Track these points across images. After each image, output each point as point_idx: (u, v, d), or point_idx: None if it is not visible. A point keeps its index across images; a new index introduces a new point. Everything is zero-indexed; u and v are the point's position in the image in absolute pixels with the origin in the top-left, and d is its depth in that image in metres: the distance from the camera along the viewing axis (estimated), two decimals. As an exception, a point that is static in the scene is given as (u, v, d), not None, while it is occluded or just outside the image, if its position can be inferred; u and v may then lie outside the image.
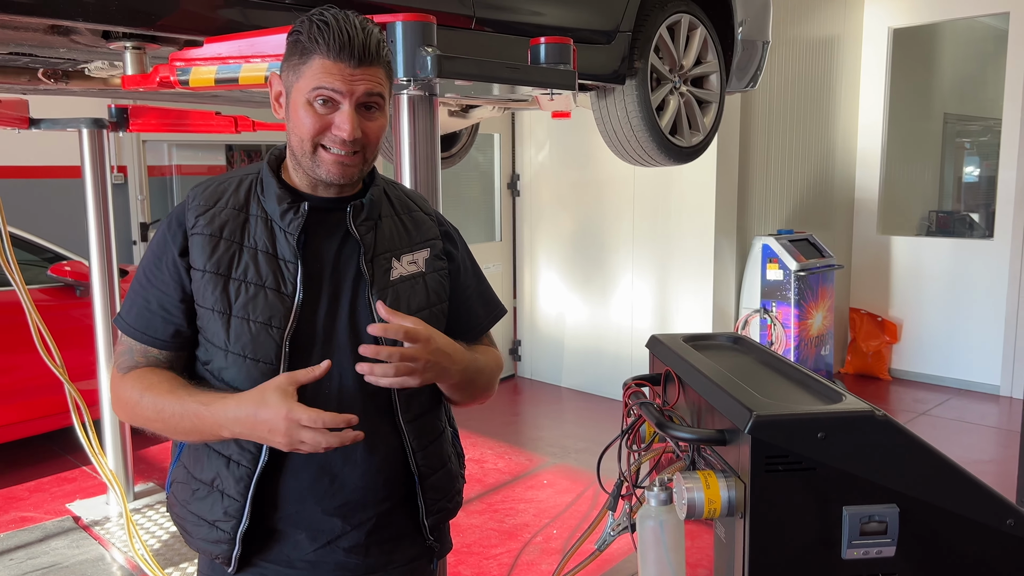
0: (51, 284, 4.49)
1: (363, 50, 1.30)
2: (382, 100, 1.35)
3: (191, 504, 1.42)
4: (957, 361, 6.27)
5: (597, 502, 4.09)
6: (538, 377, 6.63)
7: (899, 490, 1.19)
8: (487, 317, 1.61)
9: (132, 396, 1.36)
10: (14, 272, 2.33)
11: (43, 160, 5.56)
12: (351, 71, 1.30)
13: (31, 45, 2.08)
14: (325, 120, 1.32)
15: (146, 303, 1.38)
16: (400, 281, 1.44)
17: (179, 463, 1.48)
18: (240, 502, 1.37)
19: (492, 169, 6.62)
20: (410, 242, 1.48)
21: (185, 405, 1.32)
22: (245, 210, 1.40)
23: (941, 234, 7.21)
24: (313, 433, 1.24)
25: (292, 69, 1.34)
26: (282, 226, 1.38)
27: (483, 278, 1.63)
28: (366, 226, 1.42)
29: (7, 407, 4.30)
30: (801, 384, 1.38)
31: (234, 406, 1.28)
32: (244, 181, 1.43)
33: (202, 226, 1.37)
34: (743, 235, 5.70)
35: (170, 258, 1.37)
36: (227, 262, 1.36)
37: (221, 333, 1.35)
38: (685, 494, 1.23)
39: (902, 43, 6.67)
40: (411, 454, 1.45)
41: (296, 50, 1.33)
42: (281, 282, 1.36)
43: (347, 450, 1.38)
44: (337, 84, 1.30)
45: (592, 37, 2.89)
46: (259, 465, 1.36)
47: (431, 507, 1.49)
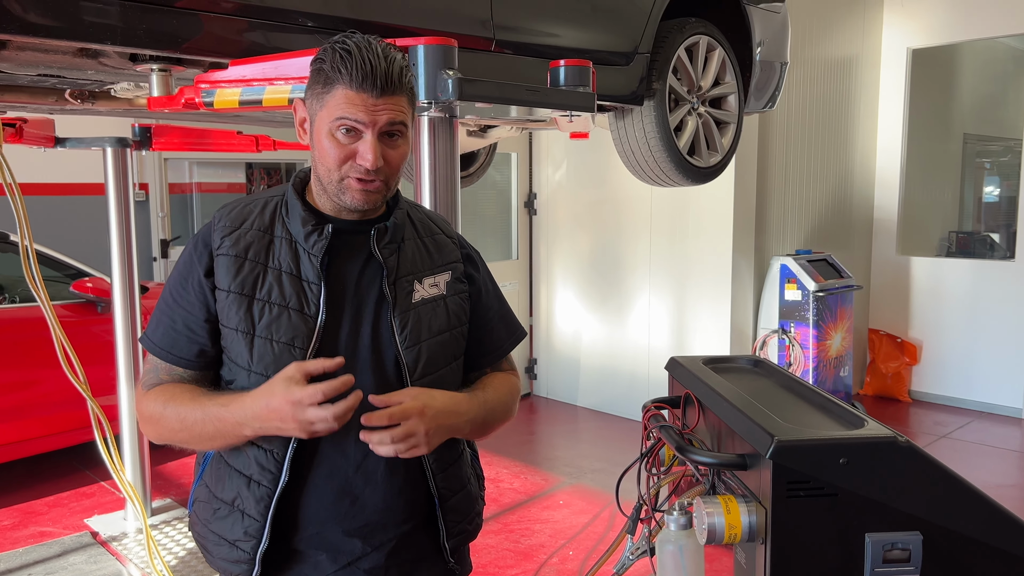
0: (73, 300, 4.55)
1: (385, 79, 1.31)
2: (404, 128, 1.37)
3: (212, 523, 1.43)
4: (978, 383, 6.20)
5: (614, 524, 4.06)
6: (554, 396, 6.61)
7: (923, 517, 1.17)
8: (508, 339, 1.62)
9: (156, 409, 1.38)
10: (40, 289, 2.36)
11: (66, 177, 5.64)
12: (373, 101, 1.31)
13: (60, 67, 2.12)
14: (348, 149, 1.34)
15: (171, 323, 1.40)
16: (422, 304, 1.45)
17: (201, 482, 1.49)
18: (260, 522, 1.37)
19: (509, 188, 6.65)
20: (432, 265, 1.50)
21: (206, 410, 1.33)
22: (270, 232, 1.41)
23: (961, 255, 7.15)
24: (318, 410, 1.24)
25: (316, 98, 1.35)
26: (306, 248, 1.39)
27: (504, 300, 1.64)
28: (389, 249, 1.43)
29: (28, 422, 4.34)
30: (822, 409, 1.37)
31: (250, 402, 1.30)
32: (269, 203, 1.45)
33: (227, 247, 1.39)
34: (761, 255, 5.68)
35: (196, 278, 1.39)
36: (251, 283, 1.37)
37: (244, 353, 1.36)
38: (705, 519, 1.22)
39: (921, 63, 6.65)
40: (431, 476, 1.45)
41: (319, 79, 1.34)
42: (304, 303, 1.37)
43: (368, 471, 1.39)
44: (360, 115, 1.31)
45: (611, 59, 2.91)
46: (279, 485, 1.36)
47: (451, 529, 1.50)
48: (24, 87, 2.60)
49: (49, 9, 1.69)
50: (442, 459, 1.47)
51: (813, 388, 1.47)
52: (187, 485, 4.53)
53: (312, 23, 2.11)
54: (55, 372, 3.34)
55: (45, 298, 2.40)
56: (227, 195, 7.02)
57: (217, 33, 1.97)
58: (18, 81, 2.48)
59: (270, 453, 1.36)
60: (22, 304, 4.47)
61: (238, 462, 1.39)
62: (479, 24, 2.46)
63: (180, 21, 1.89)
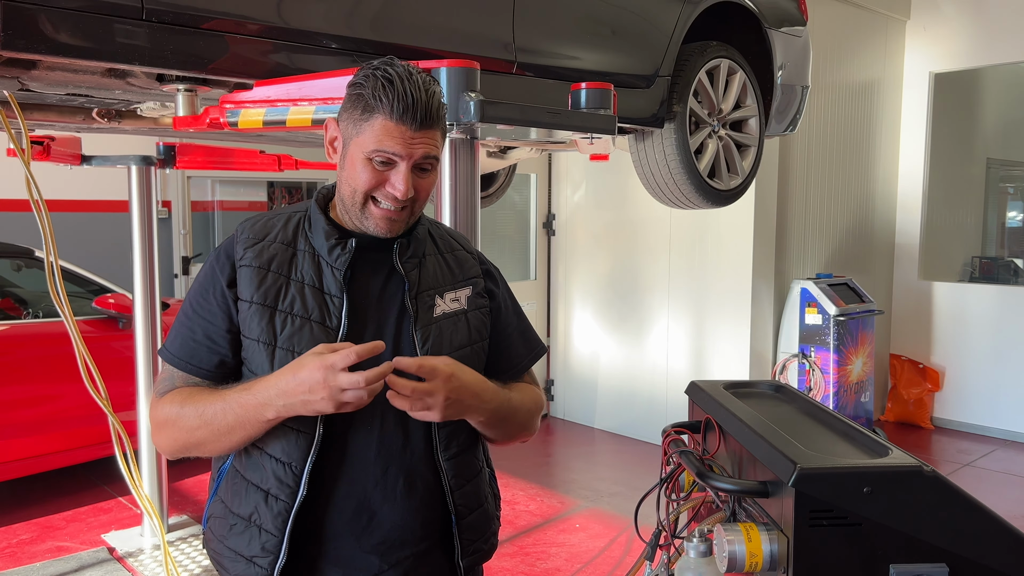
0: (95, 316, 4.59)
1: (425, 114, 1.32)
2: (436, 161, 1.38)
3: (228, 539, 1.42)
4: (1003, 411, 6.10)
5: (630, 549, 4.02)
6: (571, 418, 6.58)
7: (948, 549, 1.15)
8: (528, 355, 1.62)
9: (172, 411, 1.37)
10: (64, 305, 2.38)
11: (89, 194, 5.71)
12: (412, 134, 1.32)
13: (89, 87, 2.16)
14: (382, 176, 1.35)
15: (191, 333, 1.40)
16: (443, 318, 1.45)
17: (216, 497, 1.48)
18: (278, 537, 1.36)
19: (528, 208, 6.66)
20: (453, 280, 1.50)
21: (227, 398, 1.33)
22: (293, 245, 1.42)
23: (984, 280, 7.07)
24: (351, 376, 1.23)
25: (353, 122, 1.36)
26: (329, 261, 1.40)
27: (523, 316, 1.64)
28: (411, 263, 1.44)
29: (48, 436, 4.37)
30: (846, 436, 1.35)
31: (275, 379, 1.29)
32: (293, 218, 1.46)
33: (251, 258, 1.39)
34: (781, 278, 5.65)
35: (218, 289, 1.39)
36: (274, 294, 1.38)
37: (265, 364, 1.36)
38: (726, 546, 1.20)
39: (944, 88, 6.62)
40: (449, 492, 1.45)
41: (359, 104, 1.34)
42: (327, 315, 1.38)
43: (387, 487, 1.39)
44: (397, 147, 1.32)
45: (632, 81, 2.92)
46: (297, 500, 1.36)
47: (467, 547, 1.49)
48: (53, 106, 2.65)
49: (79, 30, 1.72)
50: (460, 476, 1.47)
51: (836, 415, 1.45)
52: (204, 502, 4.54)
53: (336, 45, 2.13)
54: (74, 387, 3.37)
55: (69, 314, 2.42)
56: (248, 213, 7.08)
57: (242, 54, 1.99)
58: (47, 100, 2.53)
59: (288, 467, 1.36)
60: (45, 319, 4.52)
61: (255, 476, 1.39)
62: (501, 47, 2.48)
63: (206, 42, 1.92)
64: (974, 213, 7.68)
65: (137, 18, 1.79)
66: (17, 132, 2.31)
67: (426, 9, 2.31)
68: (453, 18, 2.39)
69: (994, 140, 7.88)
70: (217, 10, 1.92)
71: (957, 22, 6.33)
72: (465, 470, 1.48)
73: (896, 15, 6.46)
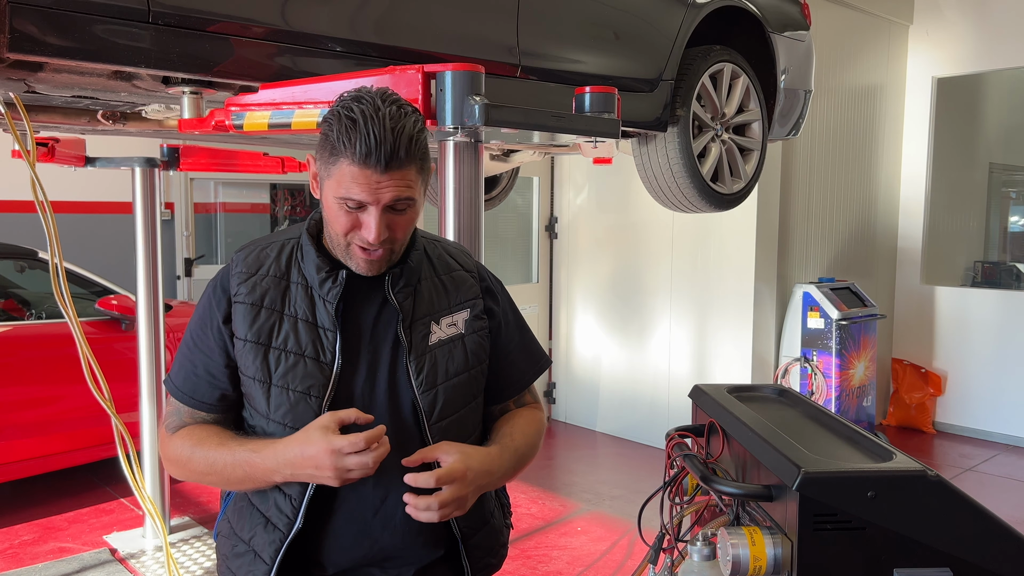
0: (97, 317, 4.59)
1: (391, 155, 1.25)
2: (411, 201, 1.32)
3: (230, 560, 1.44)
4: (1005, 416, 6.09)
5: (633, 552, 4.02)
6: (572, 421, 6.58)
7: (952, 553, 1.15)
8: (529, 371, 1.60)
9: (183, 453, 1.38)
10: (68, 306, 2.38)
11: (93, 196, 5.72)
12: (378, 178, 1.26)
13: (95, 89, 2.16)
14: (354, 219, 1.31)
15: (193, 367, 1.41)
16: (438, 346, 1.43)
17: (224, 517, 1.49)
18: (268, 566, 1.37)
19: (531, 211, 6.66)
20: (449, 304, 1.47)
21: (236, 455, 1.33)
22: (286, 277, 1.41)
23: (987, 285, 7.07)
24: (358, 457, 1.24)
25: (324, 164, 1.32)
26: (321, 294, 1.38)
27: (526, 329, 1.62)
28: (404, 292, 1.41)
29: (50, 437, 4.37)
30: (850, 440, 1.36)
31: (282, 448, 1.30)
32: (286, 247, 1.44)
33: (244, 295, 1.39)
34: (783, 282, 5.64)
35: (215, 325, 1.39)
36: (268, 331, 1.37)
37: (262, 401, 1.36)
38: (730, 550, 1.20)
39: (946, 92, 6.62)
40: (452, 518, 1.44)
41: (327, 146, 1.29)
42: (320, 351, 1.37)
43: (387, 516, 1.38)
44: (363, 195, 1.27)
45: (635, 85, 2.92)
46: (293, 531, 1.36)
47: (476, 564, 1.49)
48: (58, 108, 2.65)
49: (86, 33, 1.73)
50: None
51: (840, 419, 1.45)
52: (206, 504, 4.54)
53: (341, 48, 2.14)
54: (77, 388, 3.37)
55: (73, 315, 2.43)
56: (251, 215, 7.09)
57: (248, 57, 2.00)
58: (52, 102, 2.53)
59: (289, 498, 1.36)
60: (48, 321, 4.53)
61: (260, 502, 1.40)
62: (505, 50, 2.48)
63: (212, 45, 1.93)
64: (977, 218, 7.68)
65: (143, 21, 1.80)
66: (22, 133, 2.31)
67: (430, 12, 2.32)
68: (457, 21, 2.40)
69: (997, 145, 7.88)
70: (223, 13, 1.93)
71: (960, 27, 6.33)
72: None
73: (899, 20, 6.46)
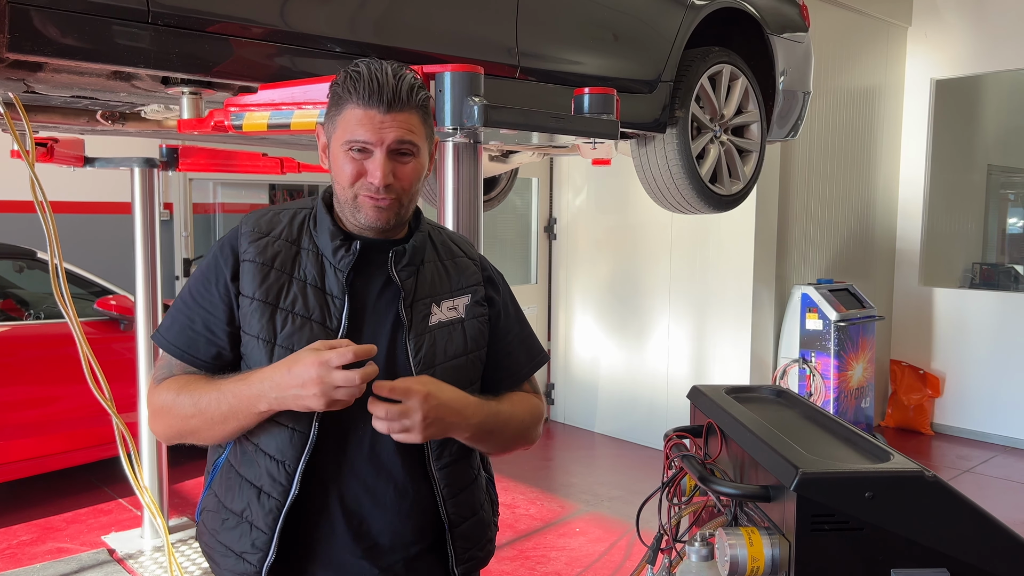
0: (96, 317, 4.59)
1: (393, 96, 1.32)
2: (415, 146, 1.37)
3: (220, 534, 1.43)
4: (1003, 417, 6.10)
5: (631, 553, 4.02)
6: (571, 422, 6.58)
7: (949, 554, 1.16)
8: (528, 363, 1.61)
9: (168, 398, 1.37)
10: (68, 306, 2.39)
11: (91, 196, 5.72)
12: (381, 118, 1.32)
13: (94, 89, 2.16)
14: (360, 167, 1.35)
15: (190, 322, 1.40)
16: (438, 327, 1.45)
17: (210, 491, 1.48)
18: (268, 535, 1.37)
19: (530, 212, 6.67)
20: (451, 288, 1.49)
21: (222, 388, 1.33)
22: (297, 243, 1.42)
23: (985, 286, 7.07)
24: (346, 373, 1.22)
25: (330, 120, 1.39)
26: (333, 262, 1.40)
27: (526, 324, 1.63)
28: (407, 271, 1.44)
29: (48, 437, 4.37)
30: (847, 441, 1.36)
31: (270, 371, 1.29)
32: (298, 215, 1.46)
33: (254, 254, 1.40)
34: (782, 284, 5.65)
35: (222, 281, 1.39)
36: (276, 292, 1.38)
37: (264, 361, 1.36)
38: (728, 551, 1.20)
39: (945, 94, 6.63)
40: (442, 502, 1.44)
41: (334, 101, 1.38)
42: (327, 316, 1.38)
43: (378, 493, 1.39)
44: (368, 135, 1.33)
45: (634, 86, 2.93)
46: (289, 498, 1.36)
47: (461, 555, 1.49)
48: (57, 108, 2.66)
49: (85, 33, 1.73)
50: (454, 484, 1.46)
51: (838, 420, 1.45)
52: (204, 504, 4.54)
53: (341, 48, 2.14)
54: (75, 388, 3.37)
55: (73, 315, 2.43)
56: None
57: (247, 58, 2.00)
58: (51, 102, 2.54)
59: (282, 465, 1.36)
60: (47, 321, 4.53)
61: (249, 472, 1.39)
62: (505, 51, 2.49)
63: (211, 45, 1.93)
64: (975, 219, 7.70)
65: (143, 21, 1.80)
66: (22, 134, 2.31)
67: (430, 13, 2.32)
68: (457, 22, 2.40)
69: (995, 147, 7.89)
70: (222, 13, 1.93)
71: (958, 29, 6.34)
72: (458, 479, 1.48)
73: (897, 22, 6.47)
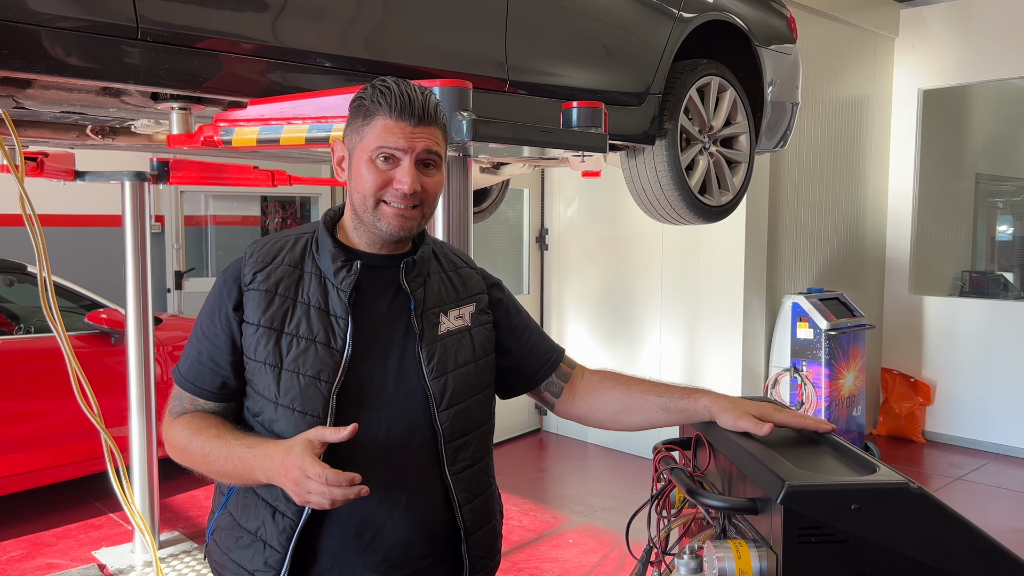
0: (87, 331, 4.57)
1: (423, 110, 1.39)
2: (439, 158, 1.43)
3: (233, 552, 1.44)
4: (994, 425, 6.13)
5: (623, 565, 4.02)
6: (564, 432, 6.58)
7: (936, 565, 1.16)
8: (555, 347, 1.68)
9: (182, 440, 1.41)
10: (57, 321, 2.38)
11: (82, 209, 5.71)
12: (411, 129, 1.38)
13: (83, 105, 2.16)
14: (387, 176, 1.39)
15: (198, 355, 1.44)
16: (447, 335, 1.49)
17: (225, 510, 1.50)
18: (281, 553, 1.38)
19: (521, 223, 6.68)
20: (457, 297, 1.54)
21: (230, 448, 1.35)
22: (300, 267, 1.45)
23: (975, 294, 7.11)
24: (320, 488, 1.23)
25: (355, 131, 1.42)
26: (335, 283, 1.43)
27: (537, 325, 1.70)
28: (416, 282, 1.47)
29: (38, 452, 4.35)
30: (835, 452, 1.36)
31: (272, 449, 1.31)
32: (300, 240, 1.49)
33: (259, 282, 1.43)
34: (772, 293, 5.67)
35: (224, 312, 1.42)
36: (281, 317, 1.41)
37: (272, 385, 1.39)
38: (716, 563, 1.21)
39: (932, 104, 6.68)
40: (457, 508, 1.46)
41: (360, 113, 1.41)
42: (331, 337, 1.40)
43: (390, 505, 1.40)
44: (399, 142, 1.37)
45: (623, 99, 2.94)
46: (303, 518, 1.38)
47: (475, 564, 1.50)
48: (47, 123, 2.66)
49: (75, 50, 1.74)
50: (469, 490, 1.48)
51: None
52: (195, 519, 4.52)
53: (330, 64, 2.15)
54: (66, 403, 3.35)
55: (62, 330, 2.42)
56: (242, 228, 7.09)
57: (237, 73, 2.01)
58: (41, 117, 2.54)
59: None
60: (37, 335, 4.51)
61: (266, 492, 1.41)
62: (494, 65, 2.50)
63: (201, 61, 1.94)
64: (964, 228, 7.75)
65: (132, 38, 1.80)
66: (11, 149, 2.31)
67: (419, 28, 2.34)
68: (446, 37, 2.41)
69: (983, 155, 7.95)
70: (212, 29, 1.93)
71: (945, 40, 6.40)
72: (474, 485, 1.50)
73: (885, 32, 6.52)
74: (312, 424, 1.36)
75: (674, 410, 1.54)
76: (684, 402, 1.53)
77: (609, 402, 1.60)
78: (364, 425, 1.35)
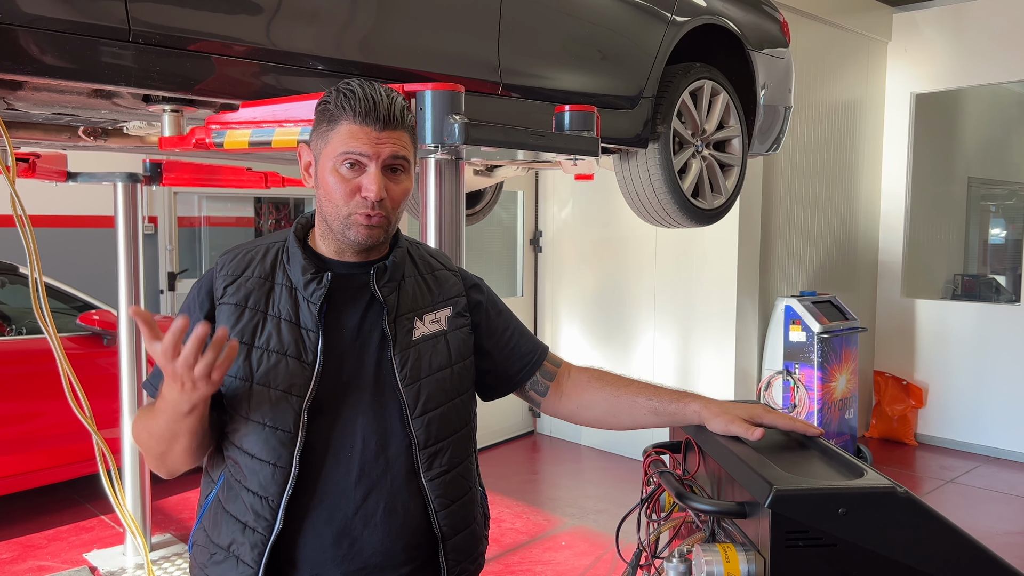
0: (79, 333, 4.56)
1: (388, 114, 1.35)
2: (407, 163, 1.40)
3: (208, 568, 1.43)
4: (985, 427, 6.15)
5: (616, 567, 4.02)
6: (557, 435, 6.58)
7: (922, 569, 1.17)
8: (538, 345, 1.65)
9: (135, 431, 1.41)
10: (48, 323, 2.37)
11: (74, 209, 5.69)
12: (377, 134, 1.35)
13: (75, 107, 2.16)
14: (353, 183, 1.36)
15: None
16: (422, 341, 1.46)
17: (200, 526, 1.48)
18: (253, 568, 1.37)
19: (515, 225, 6.69)
20: (432, 301, 1.51)
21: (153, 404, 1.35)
22: (271, 279, 1.43)
23: (967, 298, 7.14)
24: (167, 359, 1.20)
25: (320, 136, 1.39)
26: (305, 296, 1.41)
27: (520, 322, 1.67)
28: (389, 287, 1.45)
29: (29, 454, 4.33)
30: (823, 456, 1.37)
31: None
32: (271, 249, 1.47)
33: (229, 295, 1.41)
34: (765, 296, 5.69)
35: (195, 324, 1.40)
36: (251, 331, 1.39)
37: (243, 400, 1.37)
38: (704, 567, 1.21)
39: (925, 108, 6.71)
40: (433, 514, 1.45)
41: (324, 118, 1.39)
42: (302, 350, 1.39)
43: (367, 514, 1.39)
44: (364, 147, 1.35)
45: (616, 102, 2.95)
46: (274, 532, 1.36)
47: (453, 569, 1.49)
48: (38, 124, 2.65)
49: (66, 52, 1.73)
50: (445, 496, 1.47)
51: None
52: (187, 521, 4.51)
53: (322, 66, 2.15)
54: (57, 404, 3.34)
55: (53, 332, 2.41)
56: (235, 229, 7.08)
57: (229, 75, 2.00)
58: (33, 119, 2.53)
59: (265, 501, 1.36)
60: (28, 336, 4.50)
61: (235, 508, 1.40)
62: (487, 68, 2.50)
63: (193, 64, 1.93)
64: (956, 231, 7.78)
65: (124, 40, 1.80)
66: (2, 150, 2.30)
67: (412, 31, 2.34)
68: (439, 40, 2.42)
69: (975, 159, 7.99)
70: (203, 32, 1.93)
71: (938, 44, 6.43)
72: (452, 490, 1.48)
73: (878, 37, 6.55)
74: (283, 440, 1.35)
75: (664, 413, 1.54)
76: (674, 406, 1.53)
77: (598, 402, 1.60)
78: (339, 437, 1.35)
